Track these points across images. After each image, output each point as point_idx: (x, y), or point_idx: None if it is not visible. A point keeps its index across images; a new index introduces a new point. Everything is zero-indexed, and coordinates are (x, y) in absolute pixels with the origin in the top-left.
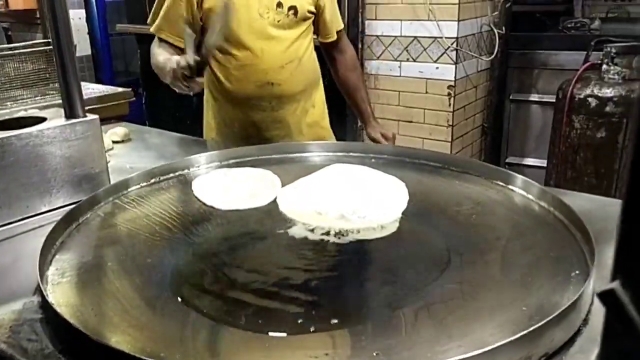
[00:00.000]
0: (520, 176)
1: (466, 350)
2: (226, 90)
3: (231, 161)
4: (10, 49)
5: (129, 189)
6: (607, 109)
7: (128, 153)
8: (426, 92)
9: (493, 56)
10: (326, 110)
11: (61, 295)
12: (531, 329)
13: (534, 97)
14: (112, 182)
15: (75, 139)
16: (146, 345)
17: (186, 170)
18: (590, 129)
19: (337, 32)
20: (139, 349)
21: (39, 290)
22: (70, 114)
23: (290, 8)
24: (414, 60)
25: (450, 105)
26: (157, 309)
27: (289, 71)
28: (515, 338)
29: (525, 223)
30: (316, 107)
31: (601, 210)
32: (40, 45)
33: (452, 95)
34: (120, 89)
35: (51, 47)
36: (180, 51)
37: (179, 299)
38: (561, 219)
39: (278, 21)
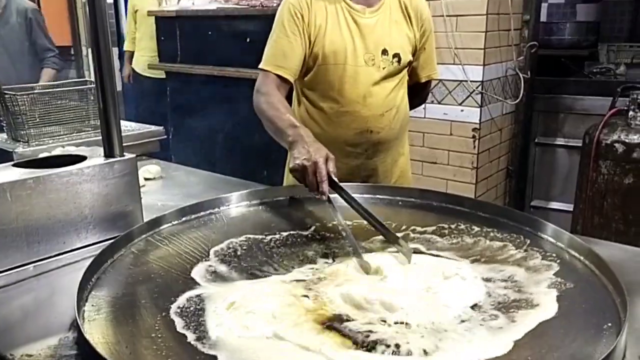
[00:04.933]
0: (550, 224)
1: None
2: (323, 135)
3: (263, 200)
4: (49, 86)
5: (162, 227)
6: (635, 155)
7: (159, 190)
8: (451, 134)
9: (518, 100)
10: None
11: (97, 332)
12: None
13: (560, 141)
14: (145, 219)
15: (113, 177)
16: None
17: (217, 209)
18: (618, 174)
19: (427, 79)
20: None
21: (75, 327)
22: (109, 152)
23: (395, 55)
24: (439, 103)
25: (475, 147)
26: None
27: (388, 119)
28: None
29: (555, 272)
30: (405, 155)
31: (633, 261)
32: (78, 84)
33: (477, 137)
34: (152, 127)
35: (88, 85)
36: (289, 85)
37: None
38: (592, 269)
39: (384, 68)
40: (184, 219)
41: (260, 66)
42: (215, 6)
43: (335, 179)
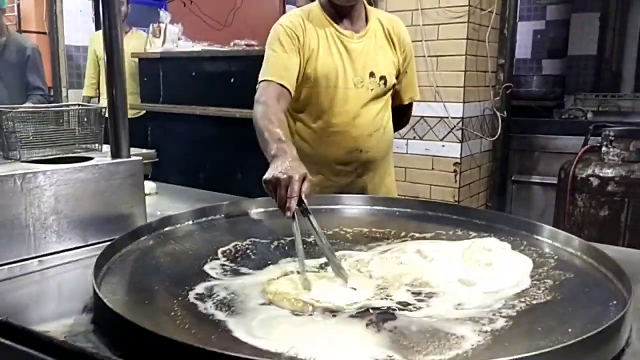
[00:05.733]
0: (546, 226)
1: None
2: (314, 155)
3: (267, 208)
4: (43, 106)
5: (168, 228)
6: (609, 188)
7: (156, 203)
8: (432, 169)
9: (496, 137)
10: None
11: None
12: (584, 336)
13: (535, 179)
14: None
15: (119, 177)
16: None
17: (219, 215)
18: (594, 207)
19: (409, 101)
20: None
21: (89, 309)
22: (116, 153)
23: (381, 78)
24: (421, 139)
25: (456, 181)
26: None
27: (376, 139)
28: (568, 344)
29: (555, 265)
30: (391, 176)
31: (628, 260)
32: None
33: (458, 172)
34: (144, 150)
35: (83, 108)
36: (288, 93)
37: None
38: (591, 262)
39: (372, 90)
40: (191, 222)
41: (261, 78)
42: (199, 48)
43: (305, 201)
